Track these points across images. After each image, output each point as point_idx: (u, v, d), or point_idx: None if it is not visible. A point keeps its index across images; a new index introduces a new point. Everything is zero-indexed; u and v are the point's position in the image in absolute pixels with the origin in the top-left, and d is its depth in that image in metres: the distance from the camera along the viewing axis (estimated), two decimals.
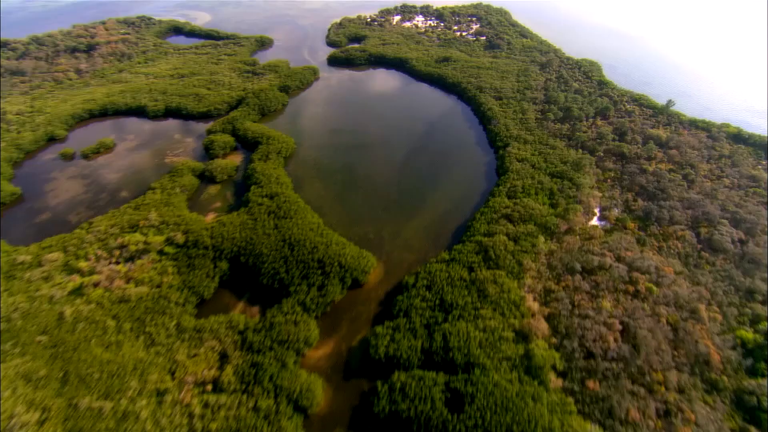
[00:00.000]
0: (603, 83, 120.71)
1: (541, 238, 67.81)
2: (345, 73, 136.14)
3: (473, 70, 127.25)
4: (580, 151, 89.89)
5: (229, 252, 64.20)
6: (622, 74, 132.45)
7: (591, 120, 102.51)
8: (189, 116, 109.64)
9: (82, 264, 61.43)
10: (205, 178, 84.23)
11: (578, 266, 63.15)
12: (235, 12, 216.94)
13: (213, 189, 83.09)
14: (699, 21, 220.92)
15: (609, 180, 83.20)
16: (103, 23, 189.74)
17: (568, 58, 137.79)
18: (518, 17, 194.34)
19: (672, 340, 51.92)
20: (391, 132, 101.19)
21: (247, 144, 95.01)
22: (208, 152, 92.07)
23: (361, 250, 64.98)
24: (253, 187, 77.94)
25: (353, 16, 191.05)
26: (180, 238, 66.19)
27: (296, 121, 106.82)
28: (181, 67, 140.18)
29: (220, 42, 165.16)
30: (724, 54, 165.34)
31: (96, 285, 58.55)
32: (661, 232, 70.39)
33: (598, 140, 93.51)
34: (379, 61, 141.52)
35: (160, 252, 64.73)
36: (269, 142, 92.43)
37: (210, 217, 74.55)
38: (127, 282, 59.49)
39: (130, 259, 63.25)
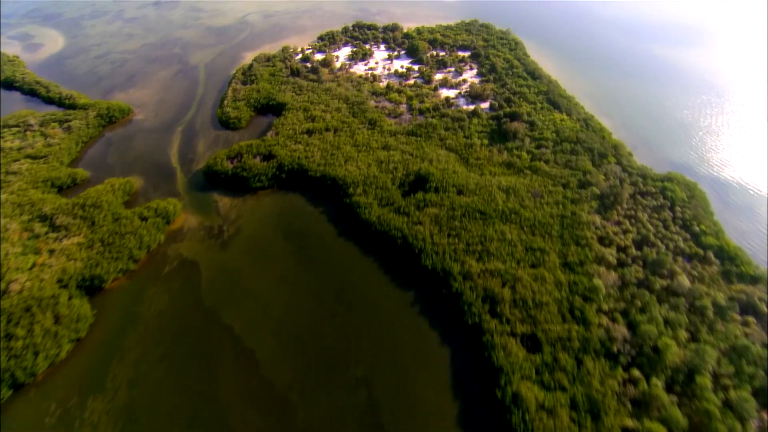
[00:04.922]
0: (728, 257, 60.46)
1: None
2: (228, 213, 70.68)
3: (474, 225, 64.58)
4: None
5: None
6: (743, 209, 71.41)
7: None
8: None
9: None
10: None
11: None
12: (106, 32, 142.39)
13: None
14: None
15: None
16: None
17: (643, 174, 75.37)
18: (534, 47, 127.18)
19: None
20: None
21: None
22: None
23: None
24: None
25: (274, 50, 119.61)
26: None
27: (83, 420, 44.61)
28: None
29: (38, 116, 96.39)
30: None
31: None
32: None
33: None
34: (296, 179, 76.19)
35: None
36: None
37: None
38: None
39: None
